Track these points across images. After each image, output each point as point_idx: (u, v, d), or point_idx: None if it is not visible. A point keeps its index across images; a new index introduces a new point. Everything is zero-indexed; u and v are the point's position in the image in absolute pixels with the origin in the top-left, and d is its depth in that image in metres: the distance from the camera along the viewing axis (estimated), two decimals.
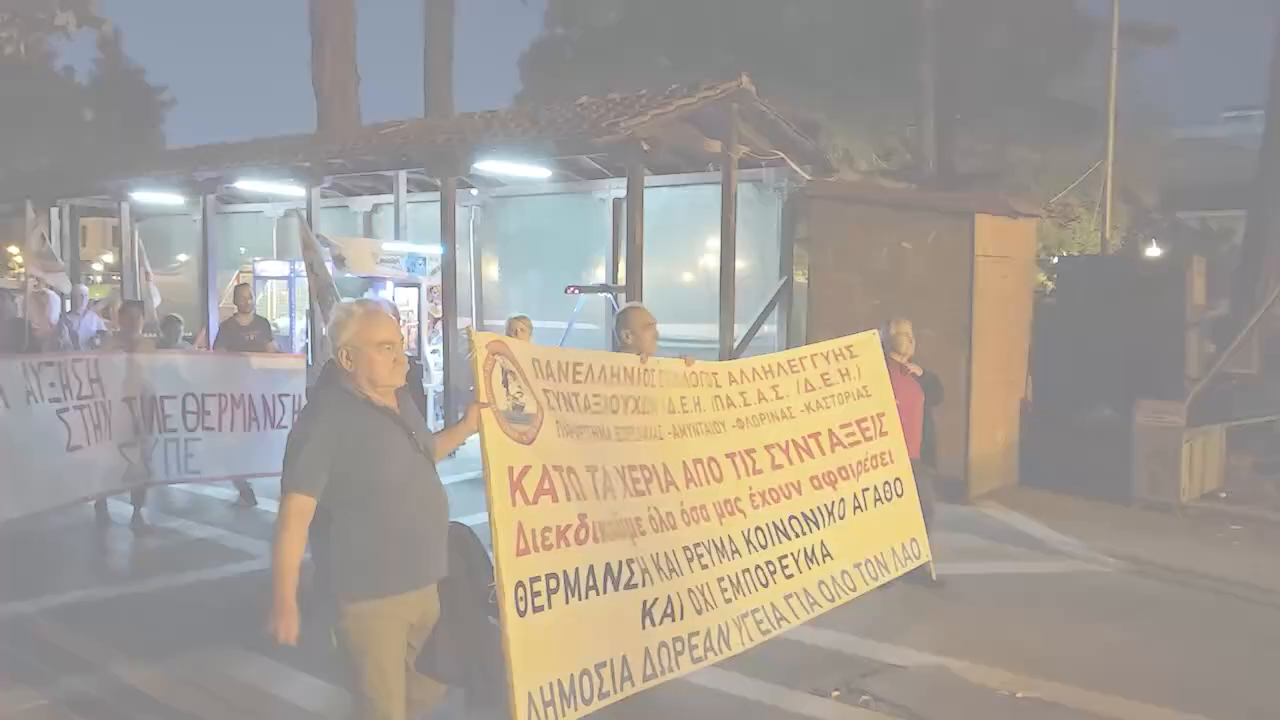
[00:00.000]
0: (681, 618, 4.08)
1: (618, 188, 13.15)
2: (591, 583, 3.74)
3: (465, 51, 23.65)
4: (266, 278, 15.14)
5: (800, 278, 12.40)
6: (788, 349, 11.85)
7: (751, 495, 4.77)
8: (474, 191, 14.24)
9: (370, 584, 3.27)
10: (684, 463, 4.48)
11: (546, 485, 3.67)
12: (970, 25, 21.02)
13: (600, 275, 13.53)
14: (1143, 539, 8.04)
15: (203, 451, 7.87)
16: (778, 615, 4.61)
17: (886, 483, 5.68)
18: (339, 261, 12.28)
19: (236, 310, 9.69)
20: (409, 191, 13.94)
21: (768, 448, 4.99)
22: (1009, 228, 9.93)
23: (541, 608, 3.50)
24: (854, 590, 5.14)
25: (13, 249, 35.14)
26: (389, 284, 13.28)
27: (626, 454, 4.21)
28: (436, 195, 13.96)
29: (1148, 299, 10.43)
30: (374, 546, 3.26)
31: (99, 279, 35.62)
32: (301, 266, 14.03)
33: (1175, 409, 9.08)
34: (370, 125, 14.94)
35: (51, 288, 11.60)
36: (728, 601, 4.37)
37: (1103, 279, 11.07)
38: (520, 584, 3.45)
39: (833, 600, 4.97)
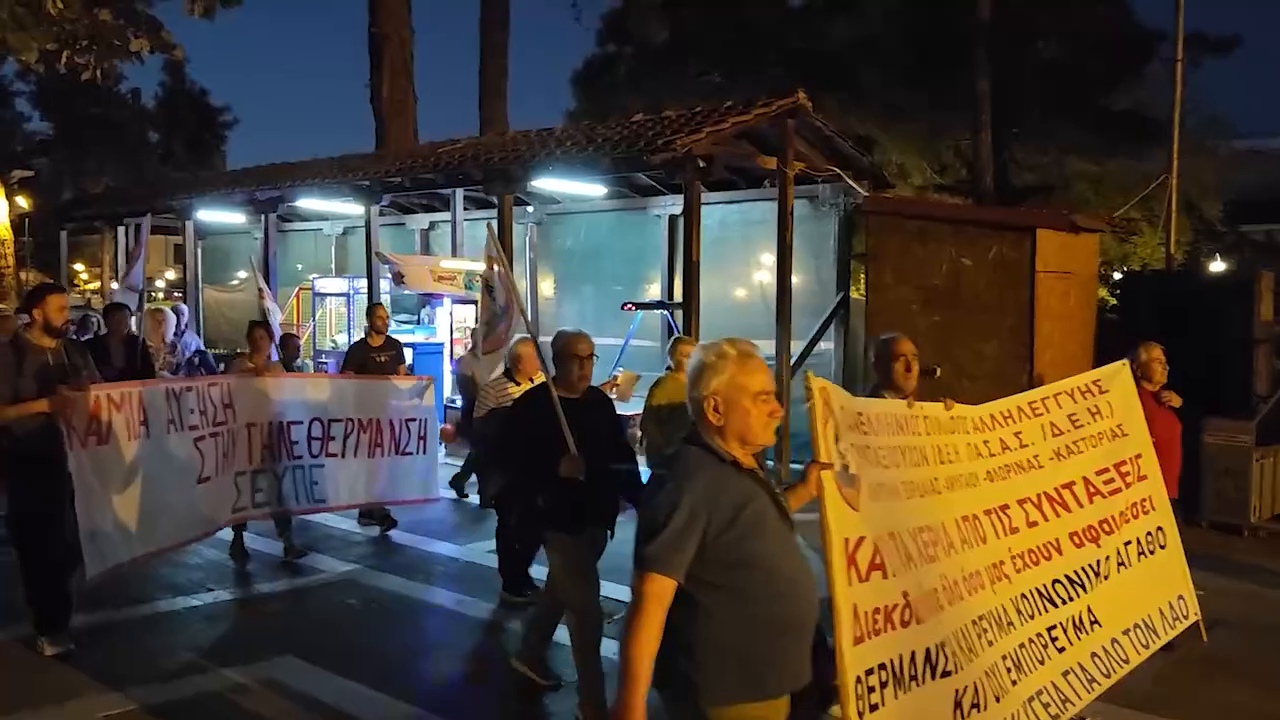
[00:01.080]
0: (986, 709, 3.48)
1: (673, 204, 13.21)
2: (913, 672, 3.21)
3: (518, 69, 23.95)
4: (325, 294, 15.43)
5: (857, 294, 12.34)
6: (844, 365, 11.93)
7: (1012, 557, 4.17)
8: (530, 209, 14.38)
9: (746, 686, 2.67)
10: (955, 521, 3.92)
11: (877, 560, 3.20)
12: (1026, 36, 20.81)
13: (655, 292, 13.58)
14: (1211, 561, 7.85)
15: (328, 479, 7.46)
16: (1061, 697, 3.99)
17: (1149, 533, 5.02)
18: (398, 279, 12.48)
19: (368, 330, 9.04)
20: (465, 209, 14.12)
21: (1020, 502, 4.40)
22: (1071, 243, 9.79)
23: (876, 706, 3.01)
24: (1126, 662, 4.47)
25: (78, 266, 36.14)
26: (446, 300, 13.48)
27: (914, 515, 3.66)
28: (493, 212, 14.15)
29: (1214, 315, 10.22)
30: (744, 638, 2.67)
31: (160, 294, 36.45)
32: (361, 284, 14.36)
33: (1244, 428, 8.89)
34: (428, 144, 15.15)
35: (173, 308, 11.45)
36: (1014, 684, 3.77)
37: (1167, 295, 10.87)
38: (859, 678, 2.98)
39: (1108, 675, 4.32)
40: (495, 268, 7.07)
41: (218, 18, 7.21)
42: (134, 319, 9.05)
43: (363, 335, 9.20)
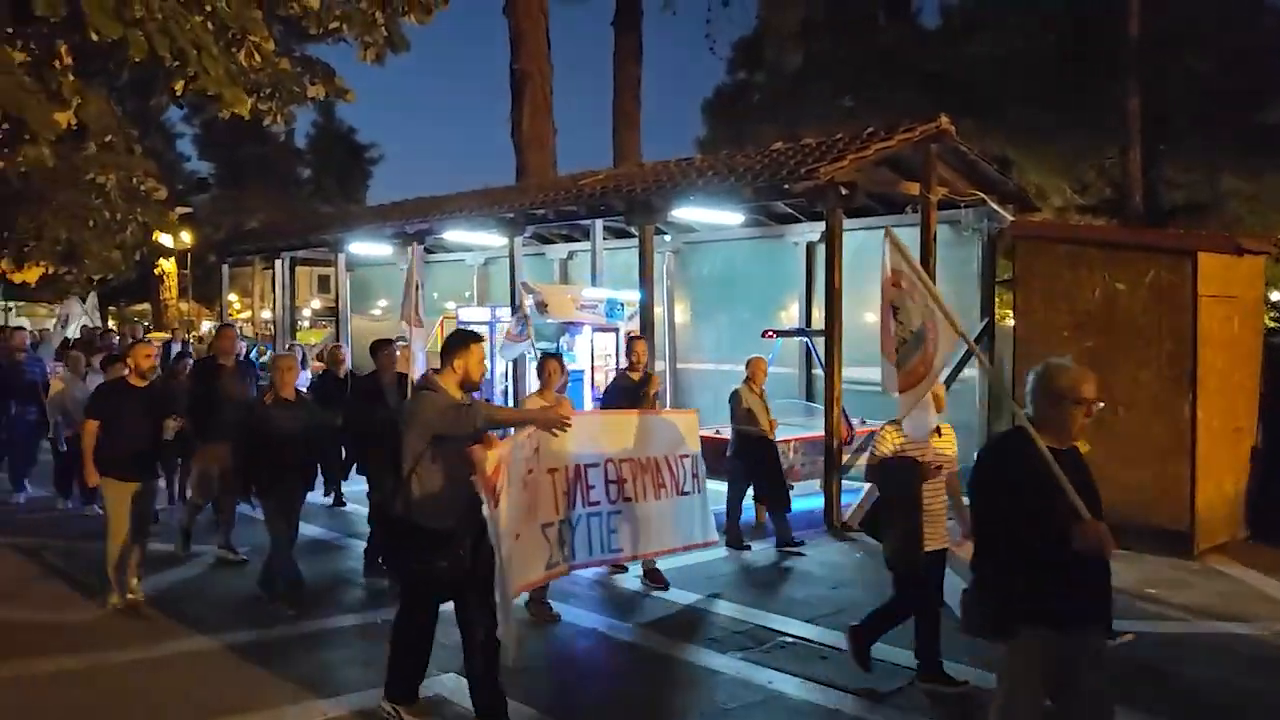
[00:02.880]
0: None
1: (810, 231, 13.22)
2: None
3: (645, 98, 24.27)
4: (467, 323, 15.91)
5: (1002, 320, 12.09)
6: (990, 393, 11.68)
7: None
8: (667, 237, 14.57)
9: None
10: None
11: None
12: (1176, 51, 20.12)
13: (790, 318, 13.57)
14: None
15: (623, 526, 6.79)
16: None
17: None
18: (540, 307, 12.80)
19: (628, 365, 8.57)
20: (604, 239, 14.39)
21: None
22: (1234, 266, 9.41)
23: None
24: None
25: (232, 296, 38.19)
26: (586, 329, 13.74)
27: None
28: (629, 242, 14.38)
29: None
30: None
31: (306, 324, 38.17)
32: (502, 313, 14.77)
33: None
34: (569, 175, 15.53)
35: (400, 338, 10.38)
36: None
37: None
38: None
39: None
40: (902, 285, 5.51)
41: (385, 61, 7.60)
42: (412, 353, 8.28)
43: (621, 369, 8.73)
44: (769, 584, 7.86)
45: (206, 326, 36.82)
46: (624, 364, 8.83)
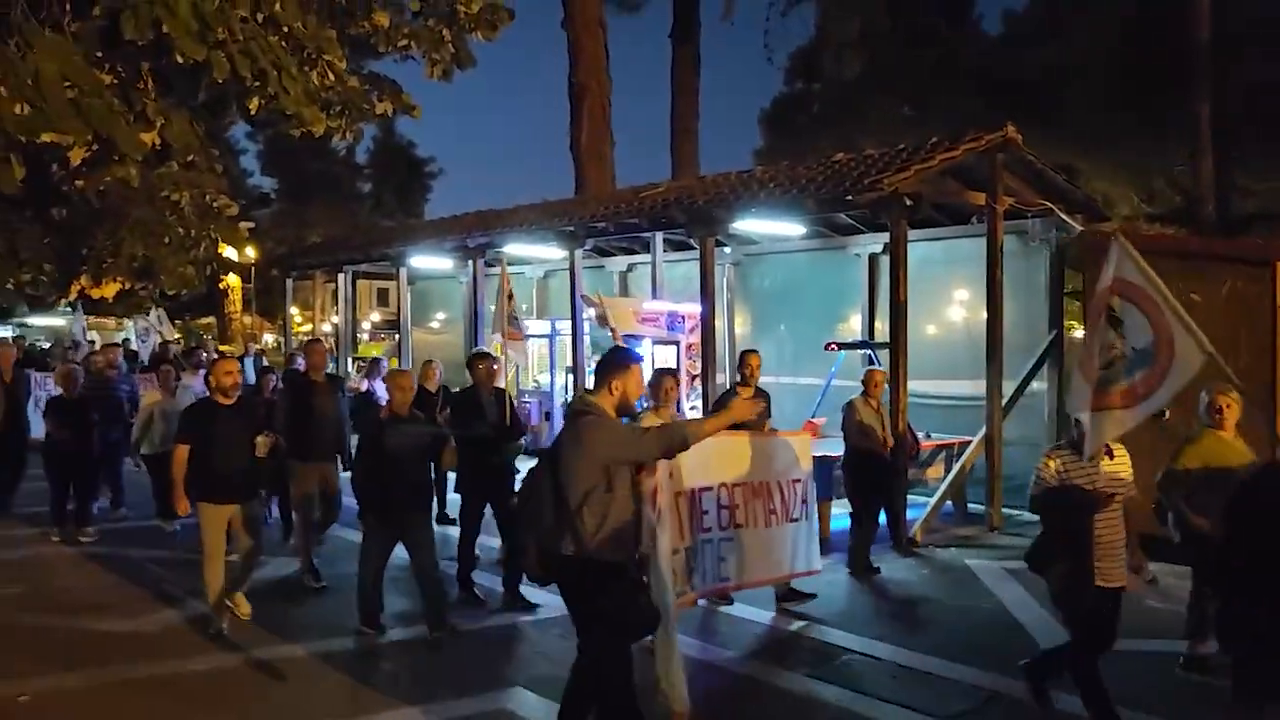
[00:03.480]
0: None
1: (872, 242, 13.10)
2: None
3: (704, 109, 24.26)
4: (528, 336, 15.99)
5: (1072, 332, 11.87)
6: (1058, 407, 11.45)
7: None
8: (727, 249, 14.54)
9: None
10: None
11: None
12: (1245, 56, 19.66)
13: (854, 331, 13.45)
14: None
15: (732, 554, 6.41)
16: None
17: None
18: (601, 320, 12.85)
19: (739, 379, 8.21)
20: (663, 251, 14.40)
21: None
22: None
23: None
24: None
25: (293, 310, 38.80)
26: (646, 341, 13.75)
27: None
28: (689, 254, 14.38)
29: None
30: None
31: (365, 337, 38.66)
32: (562, 325, 14.85)
33: None
34: (629, 188, 15.57)
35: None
36: None
37: None
38: None
39: None
40: (1131, 296, 5.05)
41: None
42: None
43: (729, 386, 8.24)
44: (836, 600, 7.77)
45: (268, 340, 37.48)
46: (735, 379, 8.27)
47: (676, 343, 12.91)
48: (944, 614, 7.43)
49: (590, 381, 4.75)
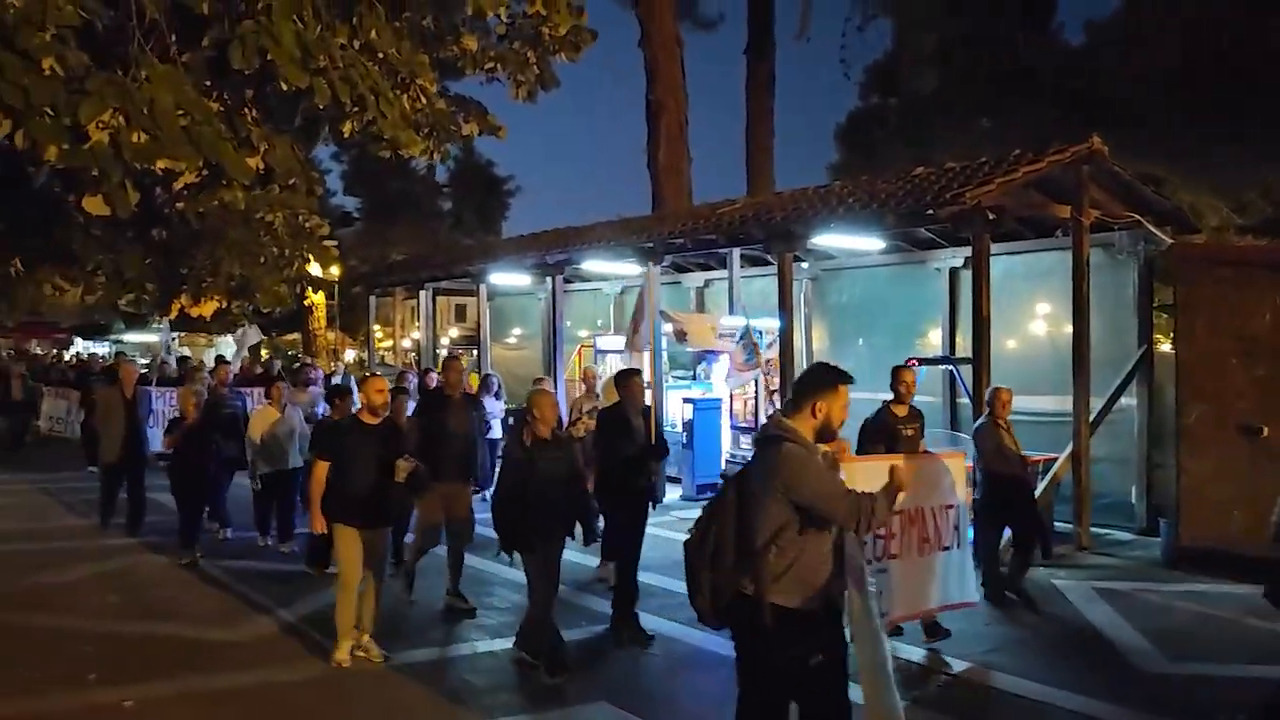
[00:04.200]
0: None
1: (953, 257, 12.96)
2: None
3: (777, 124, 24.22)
4: (606, 351, 16.12)
5: (1161, 346, 11.59)
6: (1149, 423, 11.19)
7: None
8: (804, 265, 14.50)
9: None
10: None
11: None
12: None
13: (934, 346, 13.31)
14: None
15: (885, 587, 5.92)
16: None
17: None
18: (679, 336, 12.90)
19: (894, 398, 7.61)
20: (740, 267, 14.42)
21: None
22: None
23: None
24: None
25: (375, 327, 39.66)
26: (724, 357, 13.77)
27: None
28: (765, 269, 14.37)
29: None
30: None
31: (444, 353, 39.36)
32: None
33: None
34: (706, 204, 15.64)
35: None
36: None
37: None
38: None
39: None
40: None
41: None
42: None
43: (881, 404, 7.60)
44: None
45: (350, 355, 38.25)
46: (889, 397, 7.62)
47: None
48: (1037, 635, 7.29)
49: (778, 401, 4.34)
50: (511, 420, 10.97)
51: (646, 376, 8.30)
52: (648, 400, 7.83)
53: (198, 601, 8.18)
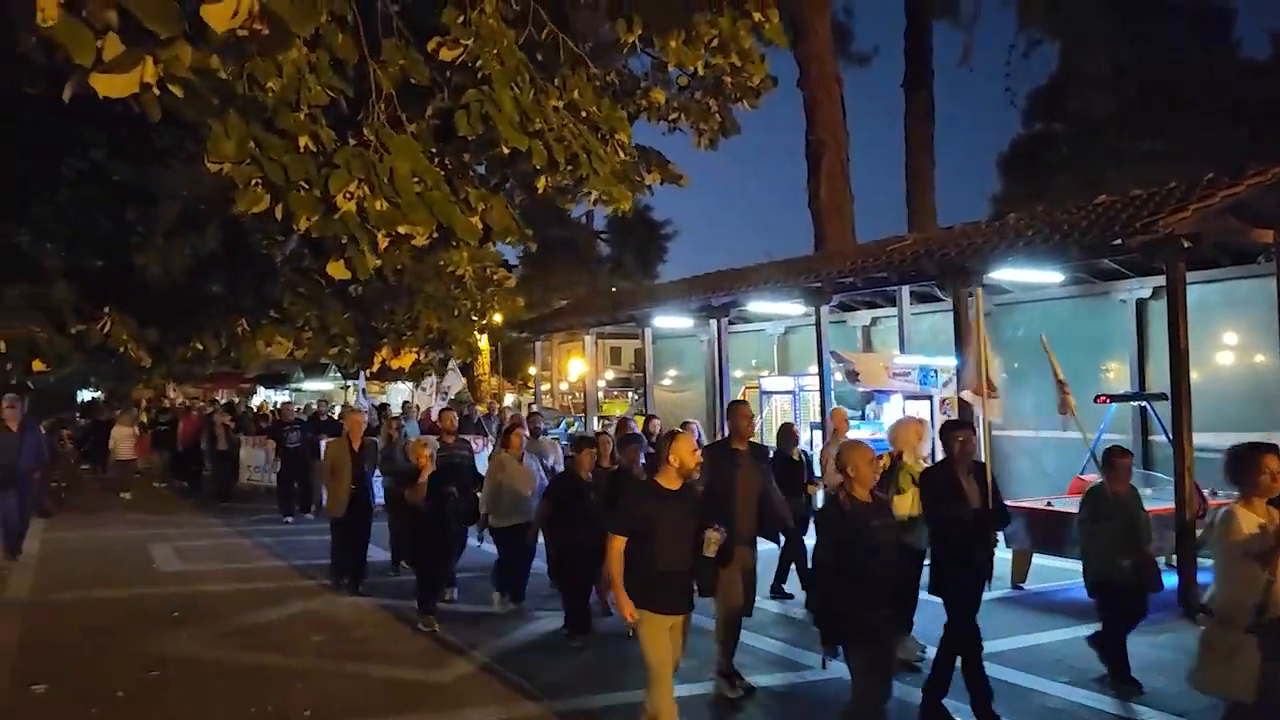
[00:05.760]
0: None
1: (1140, 287, 12.46)
2: None
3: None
4: (771, 393, 16.08)
5: None
6: None
7: None
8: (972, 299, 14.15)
9: None
10: None
11: None
12: None
13: (1119, 381, 12.76)
14: None
15: None
16: None
17: None
18: (851, 376, 12.77)
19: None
20: (909, 304, 14.20)
21: None
22: None
23: None
24: None
25: (531, 369, 40.64)
26: (896, 397, 13.54)
27: None
28: (934, 306, 14.10)
29: None
30: None
31: (601, 395, 40.08)
32: (806, 382, 14.85)
33: None
34: (873, 242, 15.51)
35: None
36: None
37: None
38: None
39: None
40: None
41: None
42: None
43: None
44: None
45: (510, 400, 39.29)
46: None
47: (929, 397, 12.64)
48: None
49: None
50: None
51: (982, 420, 7.55)
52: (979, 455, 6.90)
53: (396, 641, 8.46)
